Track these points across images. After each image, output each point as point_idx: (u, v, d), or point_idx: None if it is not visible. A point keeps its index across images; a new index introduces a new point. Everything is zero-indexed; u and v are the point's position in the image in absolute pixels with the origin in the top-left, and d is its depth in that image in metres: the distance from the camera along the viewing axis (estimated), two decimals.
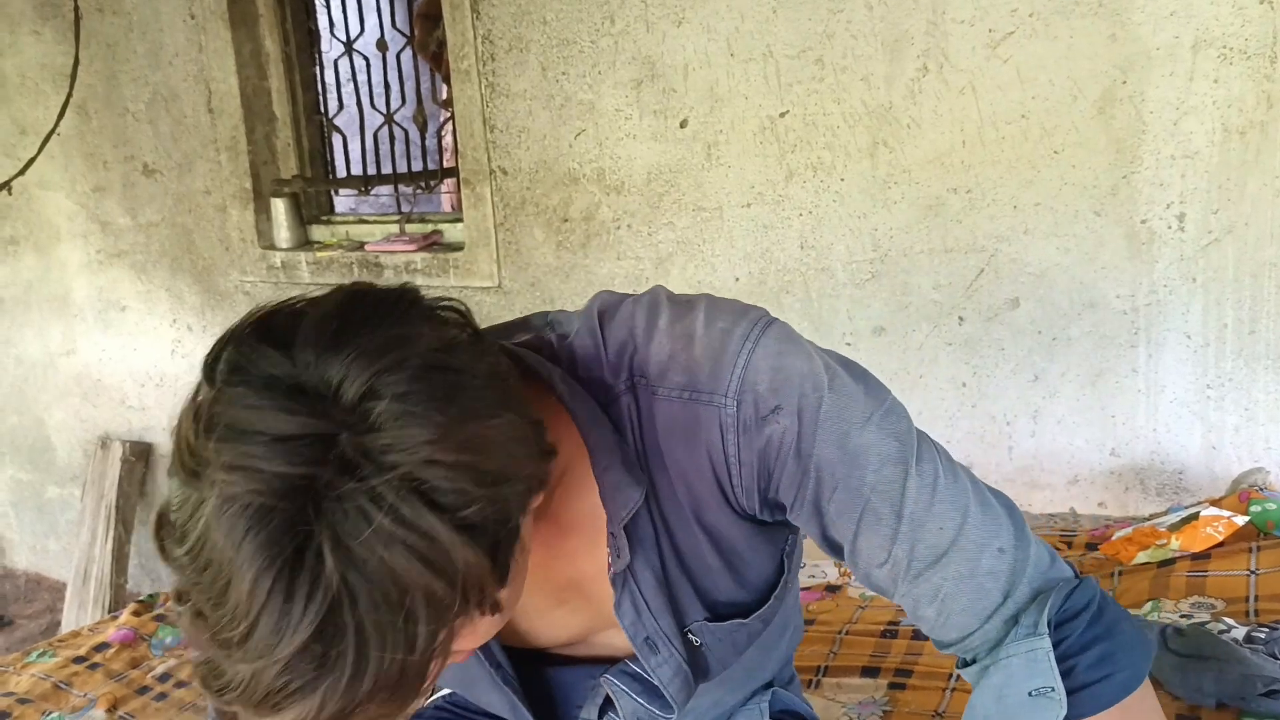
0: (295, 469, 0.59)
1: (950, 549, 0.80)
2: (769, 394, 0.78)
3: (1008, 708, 0.79)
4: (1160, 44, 1.98)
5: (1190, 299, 2.05)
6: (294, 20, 3.09)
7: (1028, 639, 0.79)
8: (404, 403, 0.61)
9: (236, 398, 0.63)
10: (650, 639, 0.89)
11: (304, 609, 0.58)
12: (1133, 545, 1.81)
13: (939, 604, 0.82)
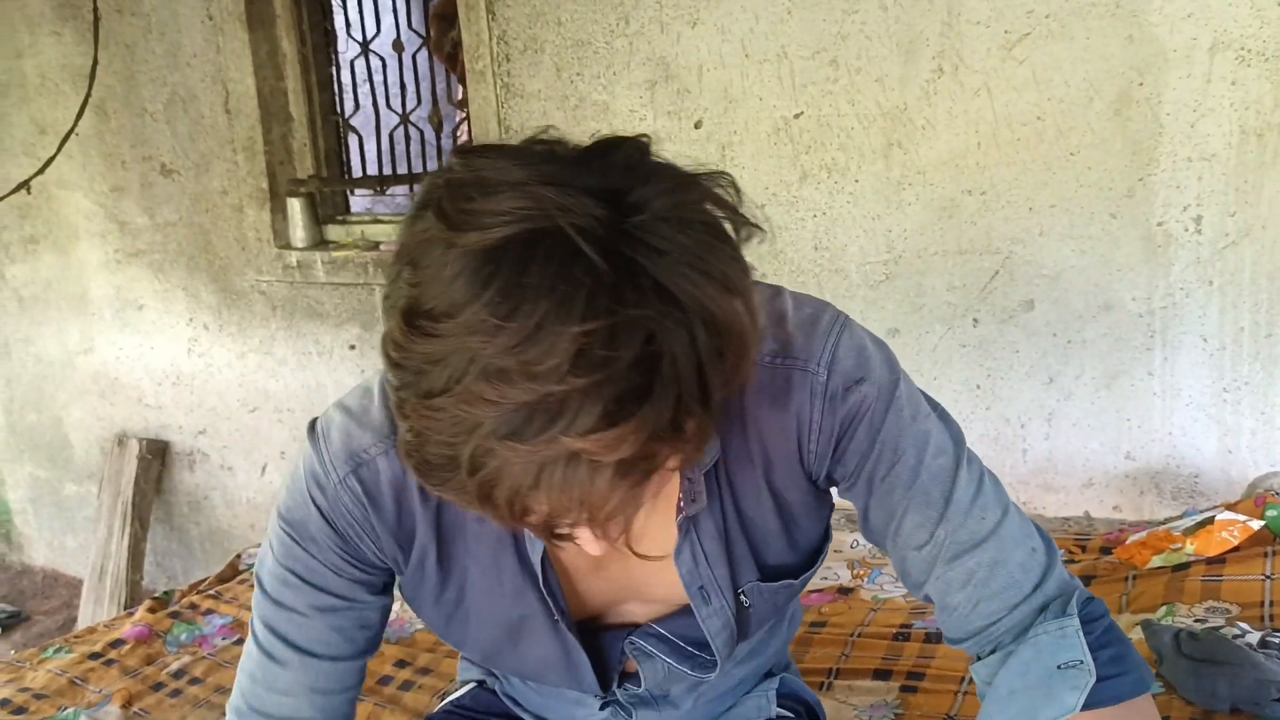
0: (571, 203, 0.60)
1: (990, 537, 0.85)
2: (855, 369, 0.84)
3: (1034, 680, 0.83)
4: (1177, 45, 1.97)
5: (1207, 302, 2.04)
6: (310, 21, 3.10)
7: (1057, 619, 0.84)
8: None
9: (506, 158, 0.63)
10: (704, 588, 0.92)
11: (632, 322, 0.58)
12: (1147, 549, 1.80)
13: (971, 588, 0.86)
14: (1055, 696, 0.82)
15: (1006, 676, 0.85)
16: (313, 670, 0.92)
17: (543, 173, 0.61)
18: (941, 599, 0.88)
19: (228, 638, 2.11)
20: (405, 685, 1.84)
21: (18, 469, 4.06)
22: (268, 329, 3.27)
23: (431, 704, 1.72)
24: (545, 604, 0.92)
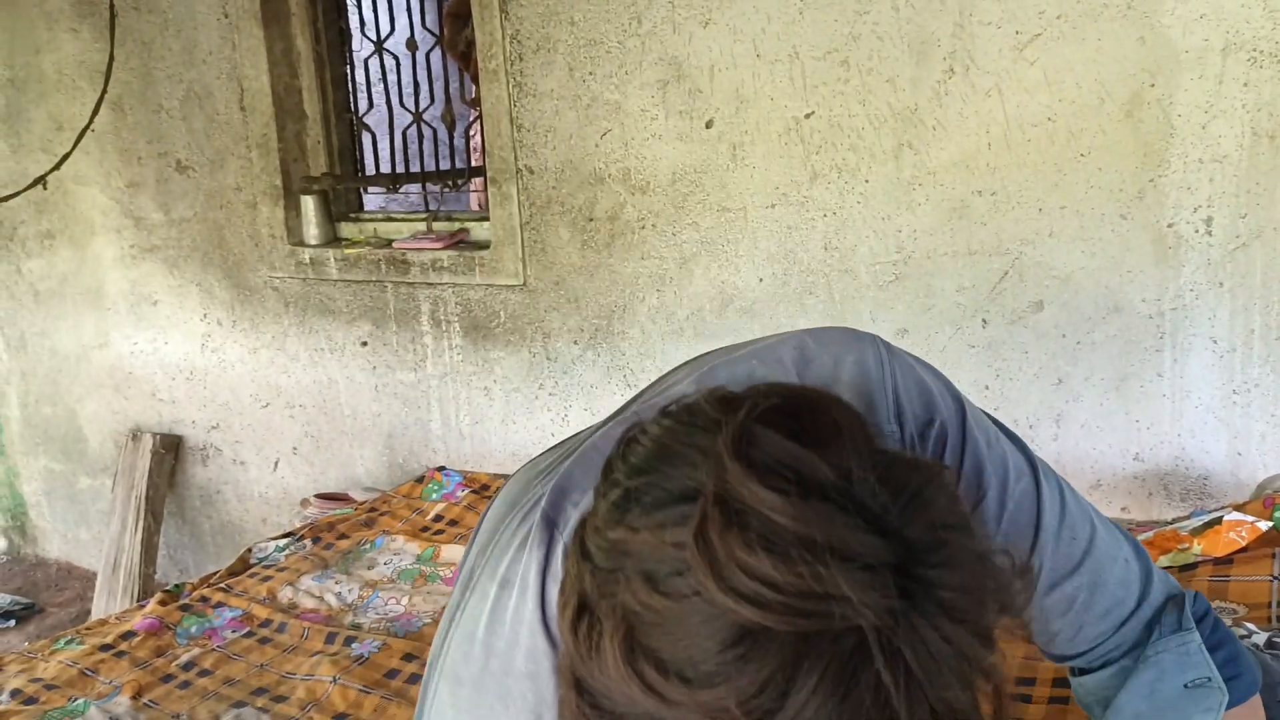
0: (866, 596, 0.50)
1: (1084, 559, 0.82)
2: (923, 410, 0.80)
3: (1163, 702, 0.80)
4: (1190, 47, 1.96)
5: (1217, 304, 2.04)
6: (325, 19, 3.12)
7: (1175, 635, 0.81)
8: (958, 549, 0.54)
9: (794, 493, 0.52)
10: None
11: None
12: (1154, 549, 1.80)
13: (1073, 614, 0.83)
14: (1188, 718, 0.80)
15: (1131, 700, 0.82)
16: None
17: (835, 531, 0.51)
18: (1043, 627, 0.85)
19: (237, 630, 2.13)
20: (412, 679, 1.85)
21: (33, 462, 4.09)
22: (280, 325, 3.29)
23: None
24: None
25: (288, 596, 2.25)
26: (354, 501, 2.95)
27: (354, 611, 2.18)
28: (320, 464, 3.34)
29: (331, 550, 2.47)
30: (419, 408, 3.08)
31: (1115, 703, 0.84)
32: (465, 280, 2.89)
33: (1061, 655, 0.87)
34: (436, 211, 3.11)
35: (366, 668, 1.90)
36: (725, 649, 0.49)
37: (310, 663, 1.95)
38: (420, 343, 3.04)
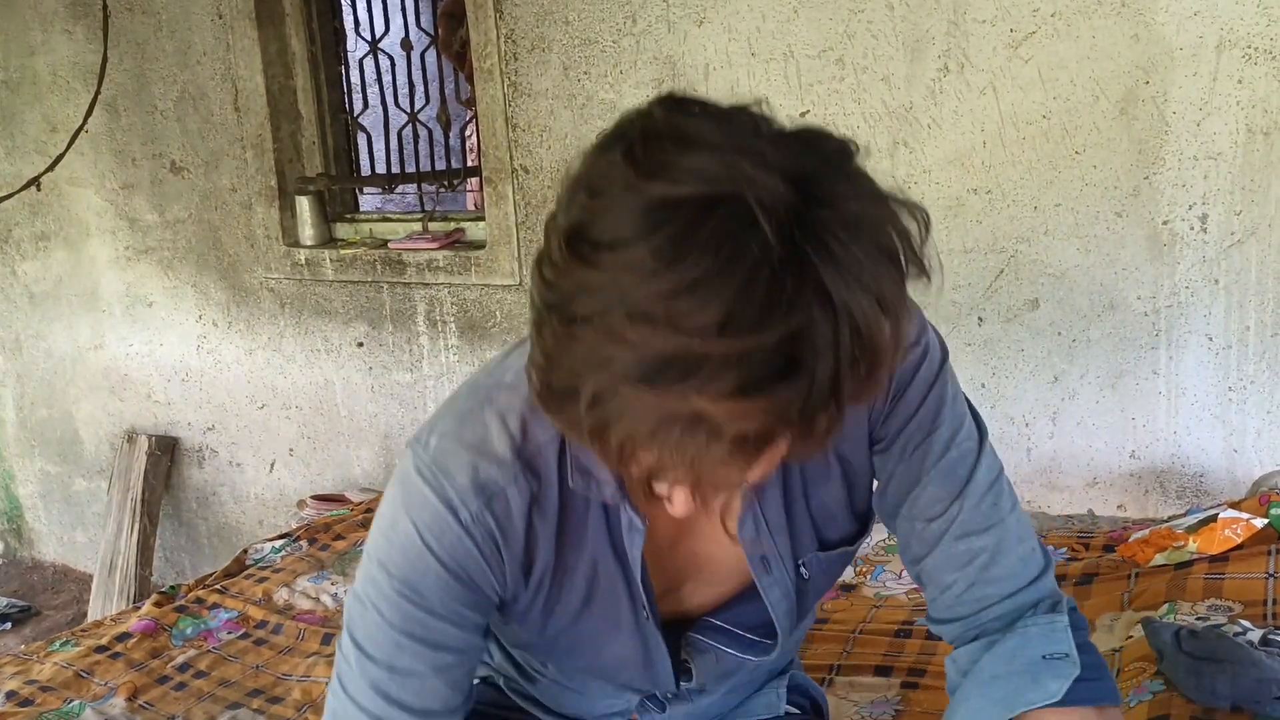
0: (767, 180, 0.59)
1: (998, 525, 0.89)
2: (915, 330, 0.86)
3: (1019, 666, 0.85)
4: (1184, 44, 1.96)
5: (1212, 301, 2.04)
6: (320, 19, 3.12)
7: (1046, 615, 0.88)
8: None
9: (709, 120, 0.63)
10: (766, 558, 0.93)
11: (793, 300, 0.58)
12: (1150, 547, 1.80)
13: (971, 570, 0.88)
14: (1040, 683, 0.83)
15: (991, 662, 0.87)
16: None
17: (742, 142, 0.61)
18: (938, 575, 0.90)
19: (233, 632, 2.12)
20: None
21: (28, 464, 4.09)
22: (276, 326, 3.29)
23: None
24: (634, 600, 0.92)
25: (284, 598, 2.25)
26: (350, 502, 2.95)
27: None
28: (317, 465, 3.34)
29: (328, 551, 2.47)
30: (415, 408, 3.08)
31: (976, 664, 0.88)
32: (461, 280, 2.89)
33: (947, 618, 0.91)
34: (432, 212, 3.11)
35: None
36: (643, 220, 0.58)
37: (306, 664, 1.95)
38: (416, 343, 3.04)
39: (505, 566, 0.85)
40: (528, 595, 0.89)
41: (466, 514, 0.82)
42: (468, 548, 0.82)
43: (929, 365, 0.88)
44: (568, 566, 0.89)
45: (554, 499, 0.85)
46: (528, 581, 0.88)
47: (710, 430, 0.60)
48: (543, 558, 0.87)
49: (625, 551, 0.88)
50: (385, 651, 0.84)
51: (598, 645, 0.96)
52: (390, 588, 0.83)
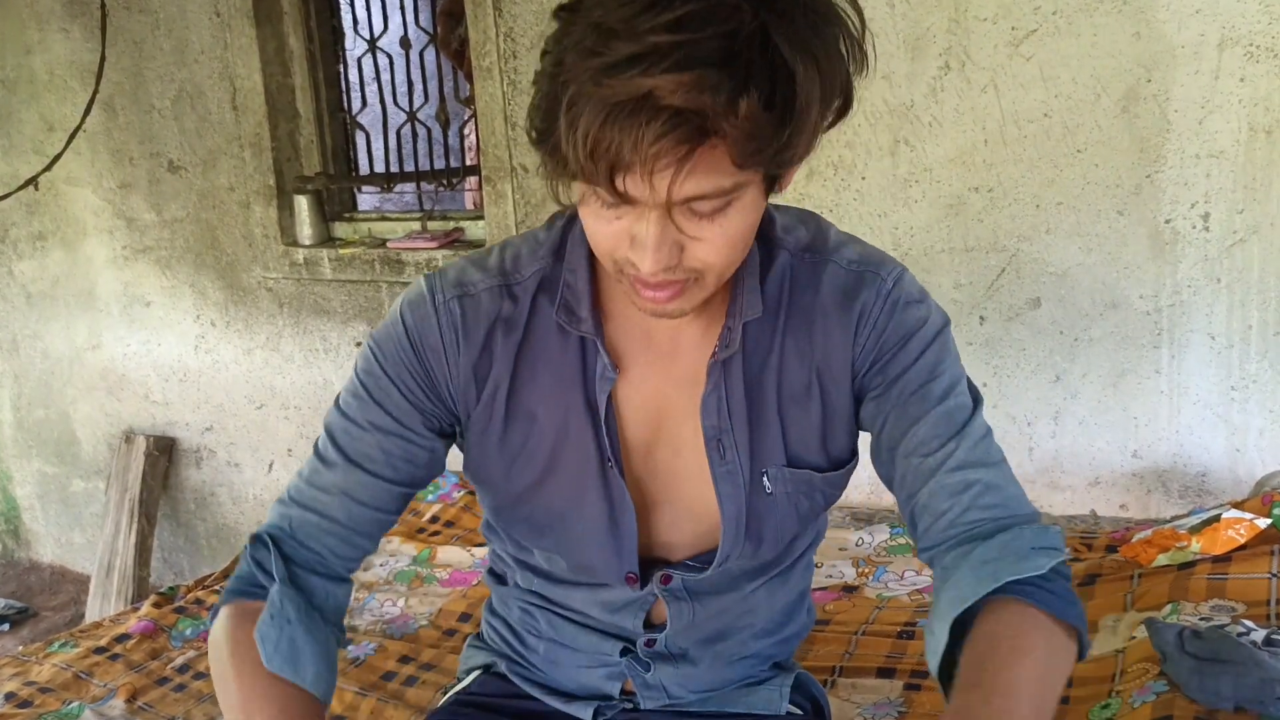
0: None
1: (993, 466, 0.94)
2: (918, 293, 0.96)
3: (1010, 552, 0.89)
4: (1185, 41, 1.96)
5: (1214, 300, 2.03)
6: (318, 18, 3.11)
7: (1040, 524, 0.92)
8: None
9: None
10: (722, 441, 0.97)
11: None
12: (1152, 548, 1.79)
13: (966, 496, 0.92)
14: (1028, 560, 0.87)
15: (984, 550, 0.90)
16: (353, 478, 0.99)
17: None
18: (932, 504, 0.93)
19: None
20: (409, 680, 1.84)
21: (26, 465, 4.08)
22: (274, 326, 3.28)
23: (435, 699, 1.72)
24: (601, 454, 0.98)
25: None
26: None
27: (350, 613, 2.17)
28: None
29: None
30: None
31: (967, 556, 0.90)
32: None
33: (937, 544, 0.93)
34: (431, 210, 3.10)
35: (363, 670, 1.89)
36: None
37: None
38: None
39: (460, 359, 0.96)
40: (480, 412, 0.98)
41: (440, 298, 0.96)
42: (431, 324, 0.96)
43: (930, 324, 0.95)
44: (524, 400, 0.98)
45: (520, 326, 0.97)
46: (480, 393, 0.98)
47: (651, 110, 0.70)
48: (496, 372, 0.97)
49: (595, 398, 0.96)
50: (345, 398, 1.01)
51: (566, 512, 1.01)
52: (367, 345, 1.00)
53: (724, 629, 1.10)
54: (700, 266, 0.82)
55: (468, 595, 2.15)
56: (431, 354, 0.96)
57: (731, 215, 0.80)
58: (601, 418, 0.97)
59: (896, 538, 2.14)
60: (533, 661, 1.17)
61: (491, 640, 1.22)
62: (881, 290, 0.95)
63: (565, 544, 1.04)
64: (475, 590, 2.17)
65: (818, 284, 0.96)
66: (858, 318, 0.94)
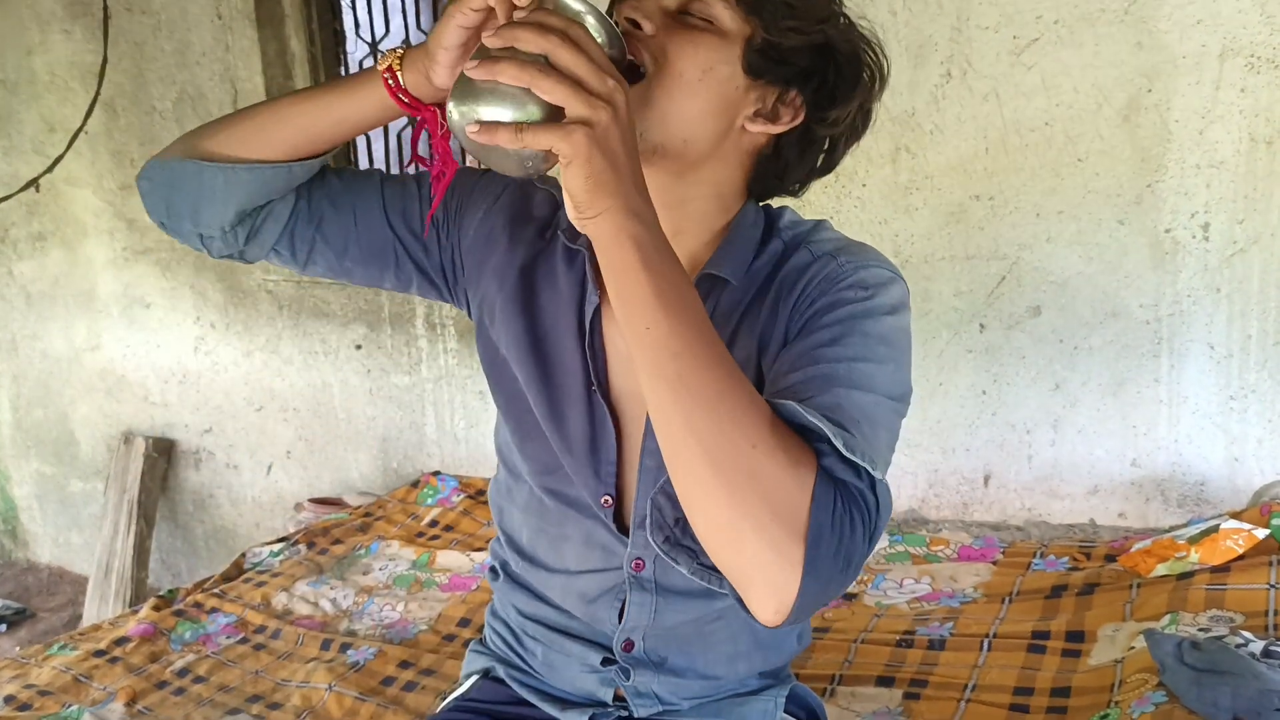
0: None
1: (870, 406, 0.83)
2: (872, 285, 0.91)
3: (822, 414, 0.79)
4: (1187, 52, 1.96)
5: (1214, 309, 2.04)
6: (320, 21, 3.11)
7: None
8: None
9: None
10: None
11: None
12: (1151, 557, 1.80)
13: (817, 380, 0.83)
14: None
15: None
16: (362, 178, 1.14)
17: None
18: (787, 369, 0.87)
19: (231, 636, 2.12)
20: (408, 686, 1.84)
21: (24, 466, 4.07)
22: (274, 328, 3.28)
23: (434, 704, 1.73)
24: (585, 374, 1.01)
25: (282, 602, 2.24)
26: (348, 506, 2.94)
27: (349, 618, 2.17)
28: (314, 468, 3.33)
29: (326, 555, 2.46)
30: (414, 411, 3.07)
31: None
32: None
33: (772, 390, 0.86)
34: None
35: (362, 675, 1.89)
36: None
37: (305, 669, 1.94)
38: (415, 346, 3.03)
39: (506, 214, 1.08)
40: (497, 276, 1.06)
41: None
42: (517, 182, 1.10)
43: (862, 305, 0.89)
44: (537, 291, 1.04)
45: (548, 236, 1.06)
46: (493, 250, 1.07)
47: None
48: (521, 257, 1.05)
49: (584, 319, 1.01)
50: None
51: (553, 422, 1.03)
52: None
53: (698, 638, 1.09)
54: (656, 54, 0.89)
55: (467, 600, 2.15)
56: (486, 193, 1.09)
57: (705, 37, 0.90)
58: (587, 338, 1.01)
59: (895, 545, 2.15)
60: (531, 665, 1.18)
61: (493, 644, 1.23)
62: (832, 273, 0.93)
63: (548, 454, 1.06)
64: (475, 595, 2.17)
65: (784, 265, 0.98)
66: (799, 294, 0.94)
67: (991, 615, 1.79)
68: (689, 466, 0.76)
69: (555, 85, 0.75)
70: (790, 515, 0.74)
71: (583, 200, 0.77)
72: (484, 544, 2.42)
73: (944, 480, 2.35)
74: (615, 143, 0.77)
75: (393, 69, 0.94)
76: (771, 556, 0.74)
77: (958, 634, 1.74)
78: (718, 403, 0.76)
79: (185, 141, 1.05)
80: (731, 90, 0.92)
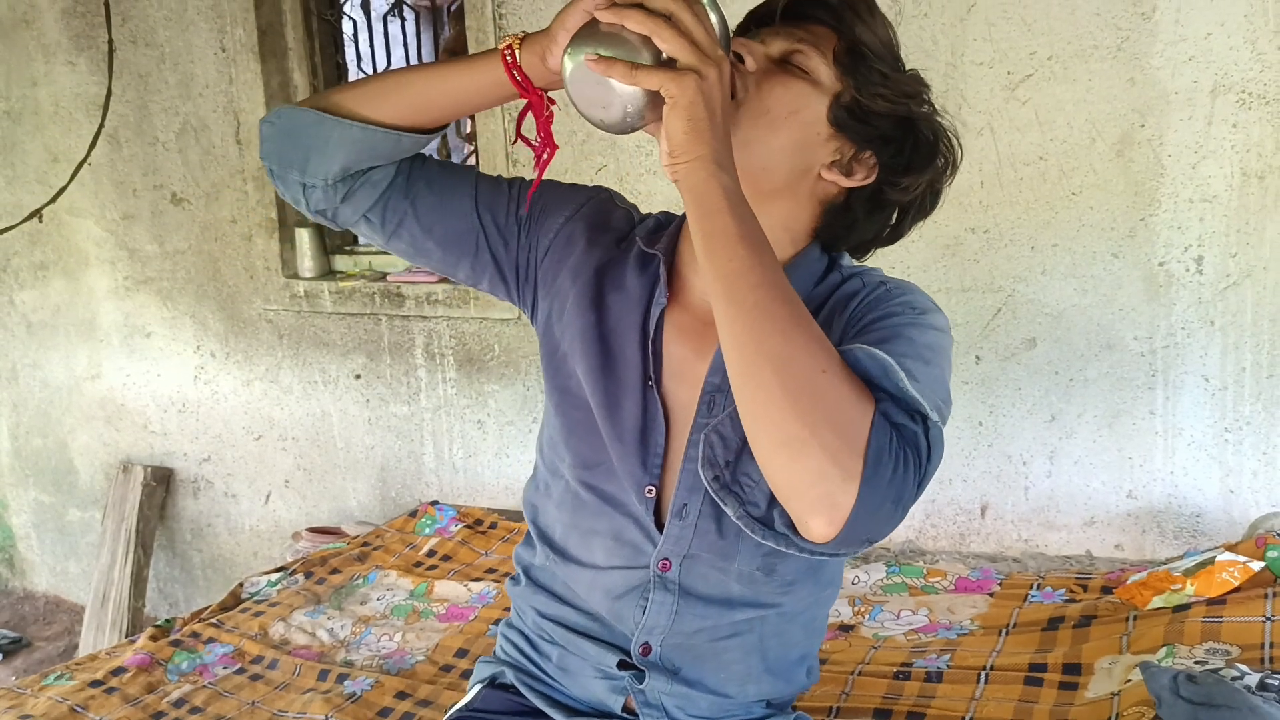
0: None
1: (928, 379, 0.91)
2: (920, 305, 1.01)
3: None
4: (1179, 88, 1.99)
5: (1208, 342, 2.05)
6: (322, 54, 3.14)
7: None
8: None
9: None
10: (713, 394, 1.05)
11: None
12: (1148, 590, 1.80)
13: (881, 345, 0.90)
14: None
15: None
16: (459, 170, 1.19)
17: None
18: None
19: (229, 666, 2.11)
20: (405, 717, 1.84)
21: (22, 494, 4.07)
22: (274, 357, 3.29)
23: None
24: (644, 368, 1.08)
25: (279, 632, 2.24)
26: (346, 535, 2.94)
27: (346, 648, 2.16)
28: (312, 497, 3.33)
29: (324, 585, 2.46)
30: (412, 441, 3.08)
31: None
32: (460, 313, 2.89)
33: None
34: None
35: (359, 706, 1.89)
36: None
37: (302, 700, 1.94)
38: (414, 376, 3.04)
39: (597, 221, 1.16)
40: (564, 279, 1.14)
41: (605, 191, 1.21)
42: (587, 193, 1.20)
43: (911, 315, 0.97)
44: (605, 291, 1.12)
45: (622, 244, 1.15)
46: (570, 251, 1.14)
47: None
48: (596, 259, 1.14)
49: (650, 318, 1.08)
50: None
51: (607, 411, 1.09)
52: None
53: (712, 654, 1.12)
54: (750, 85, 0.98)
55: (465, 630, 2.15)
56: (570, 201, 1.17)
57: (797, 83, 0.99)
58: (650, 336, 1.08)
59: (893, 576, 2.15)
60: (545, 670, 1.21)
61: (504, 653, 1.26)
62: (882, 295, 1.02)
63: (592, 450, 1.12)
64: (472, 625, 2.17)
65: (837, 291, 1.07)
66: (851, 311, 1.02)
67: (988, 647, 1.79)
68: (758, 384, 0.83)
69: (675, 36, 0.85)
70: (852, 433, 0.81)
71: (680, 143, 0.85)
72: (482, 574, 2.42)
73: (941, 511, 2.36)
74: (715, 101, 0.86)
75: (512, 48, 0.99)
76: (831, 467, 0.80)
77: (955, 666, 1.74)
78: (792, 330, 0.83)
79: (316, 96, 1.11)
80: (813, 135, 1.01)
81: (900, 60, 1.03)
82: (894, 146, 1.03)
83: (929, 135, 1.05)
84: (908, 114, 1.03)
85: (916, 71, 1.05)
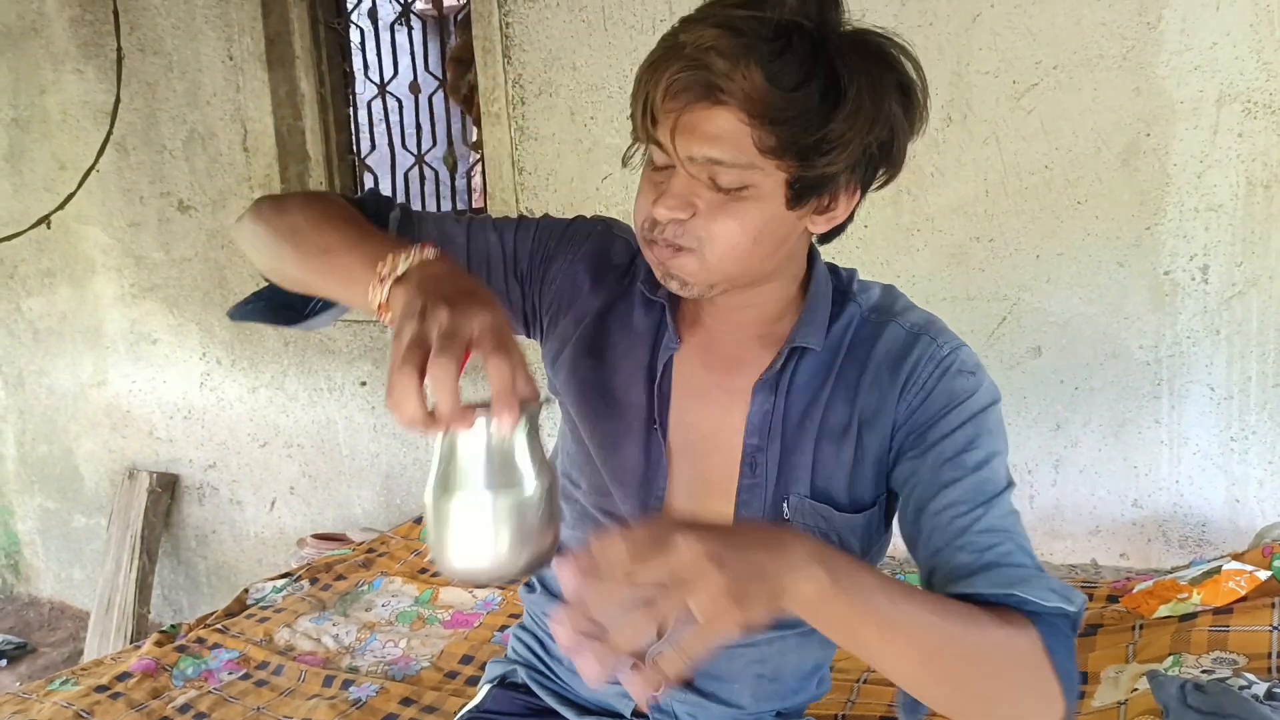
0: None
1: (1018, 538, 0.94)
2: (974, 366, 1.00)
3: (1027, 580, 0.89)
4: (1184, 97, 1.99)
5: (1214, 351, 2.05)
6: (329, 62, 3.16)
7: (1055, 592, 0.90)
8: None
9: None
10: (755, 460, 1.02)
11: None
12: (1154, 599, 1.80)
13: (991, 555, 0.91)
14: (1042, 590, 0.88)
15: (1001, 573, 0.90)
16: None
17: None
18: (952, 557, 0.92)
19: (234, 672, 2.11)
20: None
21: (28, 500, 4.08)
22: (280, 364, 3.29)
23: None
24: (650, 414, 1.05)
25: (285, 638, 2.24)
26: (351, 542, 2.94)
27: (351, 654, 2.17)
28: (317, 504, 3.33)
29: (329, 591, 2.46)
30: (418, 448, 3.08)
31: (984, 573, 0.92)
32: None
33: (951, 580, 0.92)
34: None
35: (364, 712, 1.89)
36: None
37: (307, 706, 1.94)
38: None
39: (590, 262, 1.09)
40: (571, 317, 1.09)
41: (607, 225, 1.13)
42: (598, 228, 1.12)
43: (977, 398, 0.97)
44: (608, 332, 1.08)
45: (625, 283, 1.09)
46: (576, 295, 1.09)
47: (677, 54, 0.85)
48: (603, 298, 1.09)
49: (657, 362, 1.05)
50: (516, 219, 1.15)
51: (609, 453, 1.08)
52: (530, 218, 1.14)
53: (725, 661, 1.12)
54: (703, 236, 0.90)
55: (470, 637, 2.15)
56: (579, 239, 1.10)
57: (748, 205, 0.89)
58: (656, 381, 1.05)
59: None
60: (557, 672, 1.22)
61: (516, 653, 1.27)
62: (935, 355, 0.99)
63: (600, 483, 1.11)
64: (477, 632, 2.17)
65: (876, 339, 1.02)
66: (907, 376, 0.99)
67: None
68: (945, 704, 0.87)
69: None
70: (1042, 677, 0.85)
71: (738, 616, 0.72)
72: None
73: None
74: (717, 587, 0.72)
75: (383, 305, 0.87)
76: (1038, 705, 0.85)
77: None
78: (957, 659, 0.84)
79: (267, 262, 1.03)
80: (782, 227, 0.94)
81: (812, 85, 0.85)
82: (863, 164, 0.94)
83: (888, 137, 0.92)
84: (861, 150, 0.90)
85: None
